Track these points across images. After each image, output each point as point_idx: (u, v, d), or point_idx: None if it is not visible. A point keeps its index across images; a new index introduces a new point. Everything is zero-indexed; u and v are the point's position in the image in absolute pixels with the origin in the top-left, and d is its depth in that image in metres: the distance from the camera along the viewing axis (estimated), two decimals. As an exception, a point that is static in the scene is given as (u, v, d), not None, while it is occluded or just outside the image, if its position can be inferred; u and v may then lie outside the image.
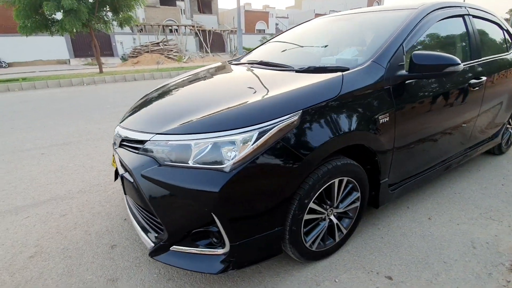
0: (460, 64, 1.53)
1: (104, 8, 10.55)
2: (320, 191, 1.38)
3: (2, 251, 1.73)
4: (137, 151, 1.35)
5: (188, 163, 1.18)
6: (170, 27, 25.97)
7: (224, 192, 1.11)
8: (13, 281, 1.50)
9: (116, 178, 1.71)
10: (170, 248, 1.29)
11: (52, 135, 4.00)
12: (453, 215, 1.99)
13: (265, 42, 2.71)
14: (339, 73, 1.45)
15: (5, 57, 19.41)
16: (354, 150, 1.53)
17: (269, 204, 1.22)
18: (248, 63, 2.15)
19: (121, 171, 1.47)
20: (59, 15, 9.72)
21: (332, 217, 1.54)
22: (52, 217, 2.07)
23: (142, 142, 1.34)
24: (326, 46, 2.13)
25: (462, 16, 2.08)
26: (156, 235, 1.36)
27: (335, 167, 1.39)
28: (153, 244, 1.33)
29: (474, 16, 2.19)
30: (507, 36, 2.57)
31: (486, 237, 1.77)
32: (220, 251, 1.24)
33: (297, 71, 1.68)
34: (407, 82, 1.61)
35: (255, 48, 2.70)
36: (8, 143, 3.72)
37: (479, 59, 2.10)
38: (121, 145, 1.51)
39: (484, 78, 2.06)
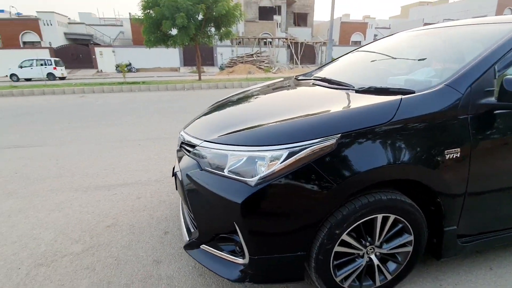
0: None
1: (210, 25, 12.11)
2: (357, 224, 1.25)
3: (90, 217, 2.20)
4: (188, 154, 1.53)
5: (224, 172, 1.26)
6: (264, 40, 27.67)
7: (246, 204, 1.15)
8: (90, 242, 1.90)
9: (172, 175, 1.95)
10: (200, 246, 1.40)
11: (150, 130, 4.83)
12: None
13: (337, 59, 2.63)
14: (398, 97, 1.29)
15: (135, 64, 24.48)
16: (415, 186, 1.33)
17: (292, 226, 1.18)
18: (313, 79, 2.13)
19: (176, 169, 1.68)
20: (174, 31, 11.70)
21: (372, 256, 1.37)
22: (130, 197, 2.51)
23: (193, 146, 1.51)
24: (402, 59, 1.91)
25: None
26: (192, 231, 1.49)
27: (378, 201, 1.24)
28: (187, 239, 1.47)
29: None
30: None
31: None
32: (240, 260, 1.28)
33: (357, 91, 1.57)
34: (496, 112, 1.30)
35: (328, 63, 2.64)
36: (119, 133, 4.69)
37: None
38: (181, 147, 1.73)
39: None
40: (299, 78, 2.36)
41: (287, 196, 1.16)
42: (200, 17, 11.47)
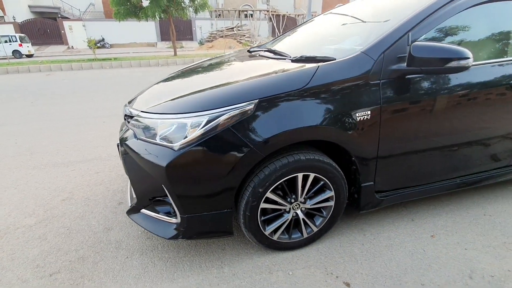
0: (468, 58, 1.25)
1: (182, -4, 11.51)
2: (279, 182, 1.37)
3: (46, 192, 2.24)
4: (127, 125, 1.58)
5: (156, 140, 1.33)
6: (245, 12, 26.64)
7: (170, 168, 1.23)
8: (44, 215, 1.96)
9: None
10: (141, 211, 1.50)
11: (116, 107, 4.74)
12: (465, 238, 1.69)
13: (291, 30, 2.64)
14: (316, 64, 1.37)
15: (108, 40, 23.15)
16: (335, 147, 1.45)
17: (215, 186, 1.28)
18: (261, 50, 2.16)
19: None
20: (146, 3, 11.05)
21: (298, 212, 1.51)
22: (88, 172, 2.55)
23: (132, 117, 1.55)
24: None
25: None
26: (134, 197, 1.58)
27: (298, 160, 1.35)
28: (129, 205, 1.56)
29: None
30: None
31: (494, 269, 1.47)
32: (173, 220, 1.39)
33: (292, 61, 1.63)
34: (408, 77, 1.41)
35: (282, 35, 2.66)
36: (83, 110, 4.59)
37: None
38: (124, 119, 1.77)
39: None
40: (251, 50, 2.38)
41: (208, 159, 1.25)
42: (173, -13, 10.87)
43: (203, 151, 1.23)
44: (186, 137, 1.23)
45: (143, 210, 1.49)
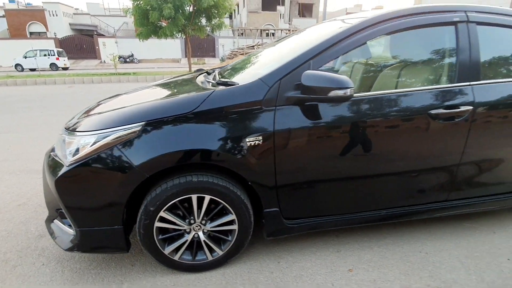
0: (348, 88, 1.24)
1: (200, 16, 12.14)
2: (172, 202, 1.40)
3: (8, 197, 2.42)
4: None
5: (58, 155, 1.43)
6: (267, 31, 27.42)
7: (59, 182, 1.31)
8: (-8, 218, 2.13)
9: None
10: (54, 221, 1.59)
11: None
12: (386, 276, 1.58)
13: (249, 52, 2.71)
14: (212, 89, 1.42)
15: (137, 55, 24.79)
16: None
17: (101, 202, 1.34)
18: (205, 72, 2.25)
19: None
20: (165, 23, 11.80)
21: (200, 233, 1.52)
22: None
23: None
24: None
25: (454, 23, 1.59)
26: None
27: (189, 182, 1.37)
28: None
29: (482, 23, 1.62)
30: None
31: (397, 313, 1.36)
32: (71, 231, 1.45)
33: (212, 85, 1.68)
34: (307, 104, 1.40)
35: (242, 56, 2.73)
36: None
37: (464, 83, 1.55)
38: None
39: (468, 108, 1.53)
40: (204, 71, 2.47)
41: (94, 176, 1.31)
42: (191, 8, 11.53)
43: (90, 168, 1.30)
44: (77, 154, 1.32)
45: (55, 220, 1.58)
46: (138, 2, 10.82)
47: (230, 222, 1.51)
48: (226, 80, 1.64)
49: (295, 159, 1.43)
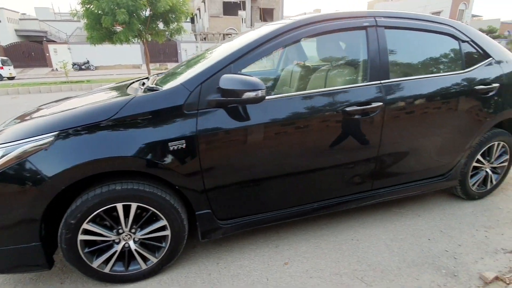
0: (259, 90, 1.31)
1: (157, 21, 11.85)
2: (96, 213, 1.35)
3: None
4: None
5: None
6: (229, 36, 27.52)
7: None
8: None
9: None
10: None
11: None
12: (318, 265, 1.67)
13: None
14: (132, 95, 1.41)
15: (94, 62, 23.47)
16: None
17: (15, 218, 1.26)
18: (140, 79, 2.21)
19: None
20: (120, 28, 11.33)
21: (130, 242, 1.49)
22: None
23: None
24: None
25: (365, 28, 1.73)
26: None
27: (112, 191, 1.35)
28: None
29: (389, 27, 1.79)
30: (469, 50, 2.01)
31: (324, 299, 1.45)
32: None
33: (142, 91, 1.67)
34: (229, 106, 1.45)
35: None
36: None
37: (374, 82, 1.70)
38: None
39: (378, 103, 1.67)
40: (144, 78, 2.43)
41: (5, 190, 1.23)
42: (147, 13, 11.20)
43: (0, 182, 1.22)
44: (-15, 169, 1.23)
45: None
46: (89, 6, 10.27)
47: (162, 228, 1.50)
48: (153, 86, 1.63)
49: (221, 161, 1.47)
